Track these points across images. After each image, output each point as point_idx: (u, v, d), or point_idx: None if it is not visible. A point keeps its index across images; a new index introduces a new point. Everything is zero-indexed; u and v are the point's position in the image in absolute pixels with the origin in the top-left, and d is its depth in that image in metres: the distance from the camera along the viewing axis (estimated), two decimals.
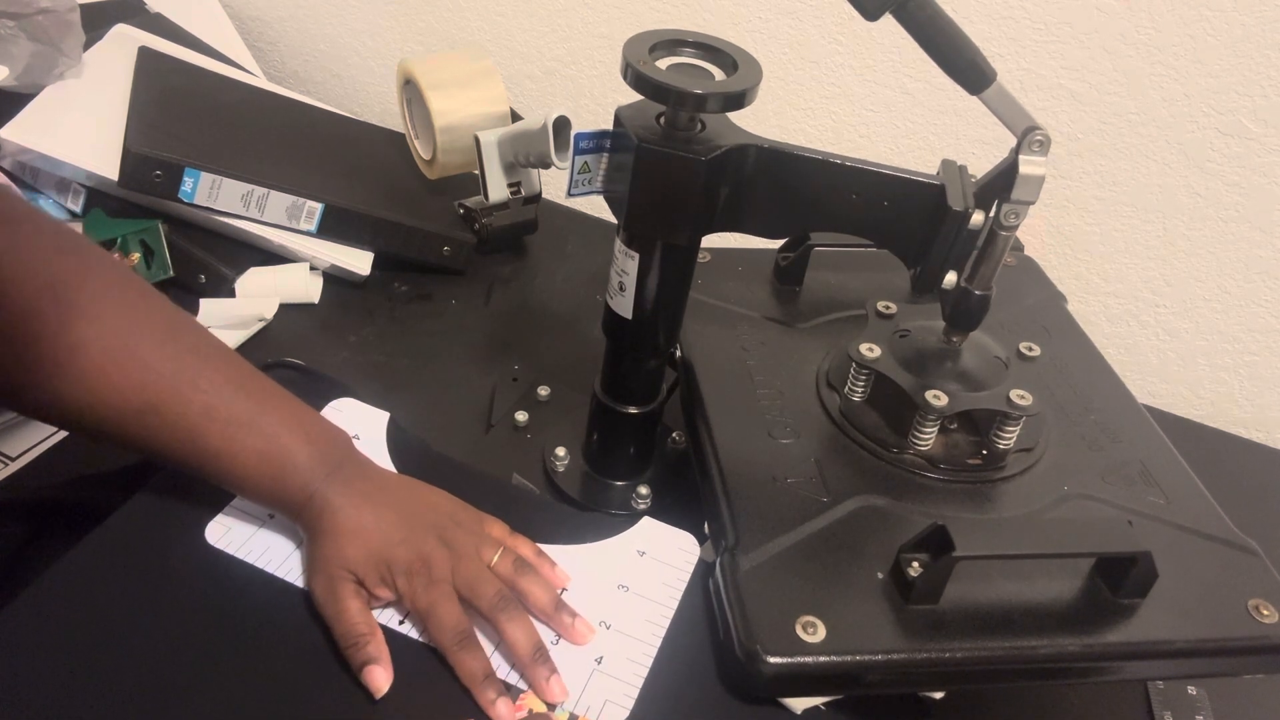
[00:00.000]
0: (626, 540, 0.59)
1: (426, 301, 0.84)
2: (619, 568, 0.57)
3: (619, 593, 0.56)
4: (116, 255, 0.76)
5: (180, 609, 0.52)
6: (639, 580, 0.57)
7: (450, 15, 1.07)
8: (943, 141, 0.92)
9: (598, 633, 0.53)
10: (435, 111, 0.84)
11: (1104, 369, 0.69)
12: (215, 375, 0.52)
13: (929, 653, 0.48)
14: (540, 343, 0.81)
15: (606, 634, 0.53)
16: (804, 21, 0.91)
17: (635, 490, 0.65)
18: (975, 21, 0.85)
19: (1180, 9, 0.78)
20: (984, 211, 0.53)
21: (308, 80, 1.19)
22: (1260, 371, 0.90)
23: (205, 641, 0.50)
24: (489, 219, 0.86)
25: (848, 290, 0.72)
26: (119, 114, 0.79)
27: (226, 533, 0.55)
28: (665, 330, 0.59)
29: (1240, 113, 0.80)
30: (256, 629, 0.51)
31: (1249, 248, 0.85)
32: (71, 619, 0.50)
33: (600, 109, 1.05)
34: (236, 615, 0.52)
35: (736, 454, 0.58)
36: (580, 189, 0.57)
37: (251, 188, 0.78)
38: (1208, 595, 0.52)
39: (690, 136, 0.52)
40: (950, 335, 0.58)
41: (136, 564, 0.53)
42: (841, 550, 0.53)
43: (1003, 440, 0.58)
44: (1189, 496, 0.58)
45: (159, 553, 0.54)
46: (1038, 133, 0.49)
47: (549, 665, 0.50)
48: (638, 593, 0.56)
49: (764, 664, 0.47)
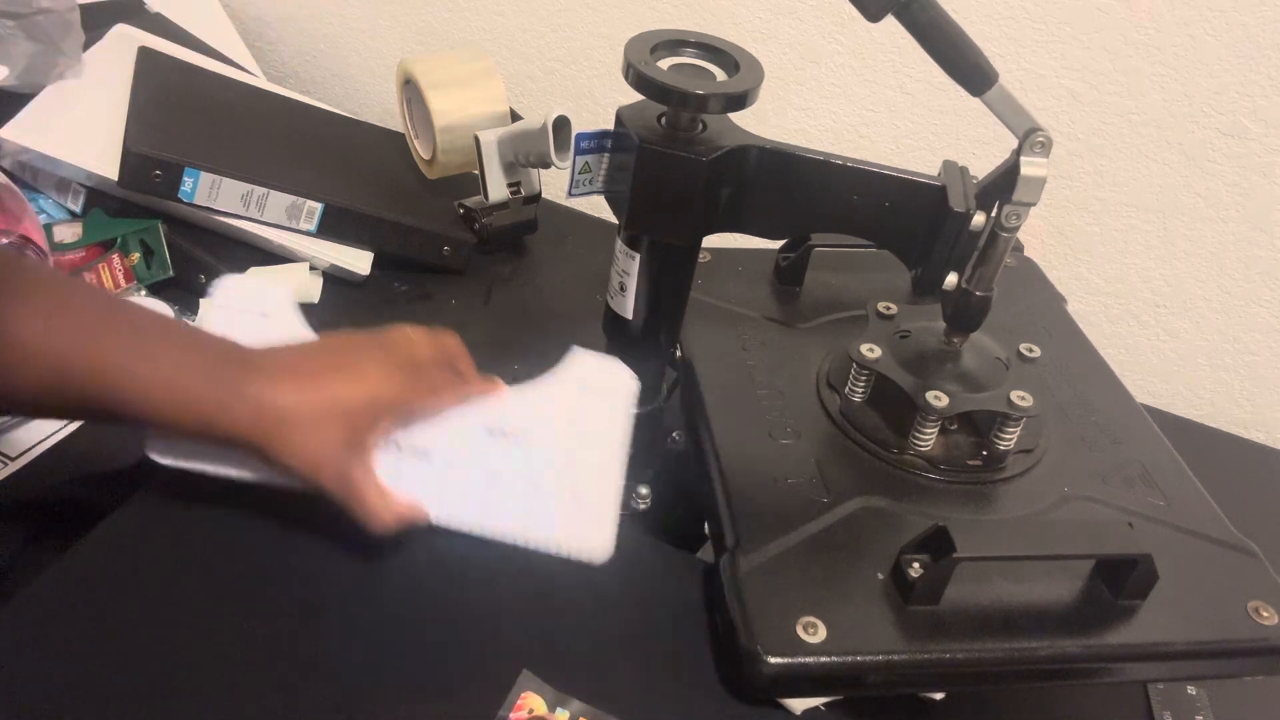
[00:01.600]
0: (567, 374, 0.58)
1: (426, 301, 0.84)
2: (568, 405, 0.58)
3: (573, 431, 0.57)
4: (116, 255, 0.76)
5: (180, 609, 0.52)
6: (588, 416, 0.57)
7: (450, 15, 1.07)
8: (943, 142, 0.92)
9: (566, 470, 0.55)
10: (435, 111, 0.84)
11: (1104, 370, 0.69)
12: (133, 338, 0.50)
13: (929, 654, 0.48)
14: (540, 343, 0.80)
15: (575, 474, 0.55)
16: (804, 21, 0.91)
17: (635, 490, 0.65)
18: (975, 22, 0.84)
19: (1180, 9, 0.78)
20: (985, 213, 0.53)
21: (308, 80, 1.19)
22: (1260, 371, 0.90)
23: (206, 641, 0.50)
24: (489, 219, 0.86)
25: (848, 291, 0.72)
26: (119, 114, 0.79)
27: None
28: (665, 330, 0.59)
29: (1240, 113, 0.80)
30: (258, 628, 0.51)
31: (1249, 248, 0.85)
32: (71, 619, 0.50)
33: (600, 109, 1.05)
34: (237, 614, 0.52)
35: (736, 454, 0.58)
36: (581, 189, 0.57)
37: (251, 188, 0.77)
38: (1208, 597, 0.52)
39: (691, 137, 0.52)
40: (951, 336, 0.58)
41: (136, 564, 0.53)
42: (842, 551, 0.53)
43: (1003, 441, 0.58)
44: (1189, 498, 0.58)
45: (159, 553, 0.54)
46: (1039, 134, 0.49)
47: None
48: (589, 428, 0.57)
49: (764, 664, 0.47)
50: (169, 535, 0.55)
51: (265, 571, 0.54)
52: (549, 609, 0.55)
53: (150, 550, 0.54)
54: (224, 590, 0.53)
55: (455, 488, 0.54)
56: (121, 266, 0.76)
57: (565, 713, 0.49)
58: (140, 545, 0.54)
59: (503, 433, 0.56)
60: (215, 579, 0.53)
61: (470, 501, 0.54)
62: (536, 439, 0.56)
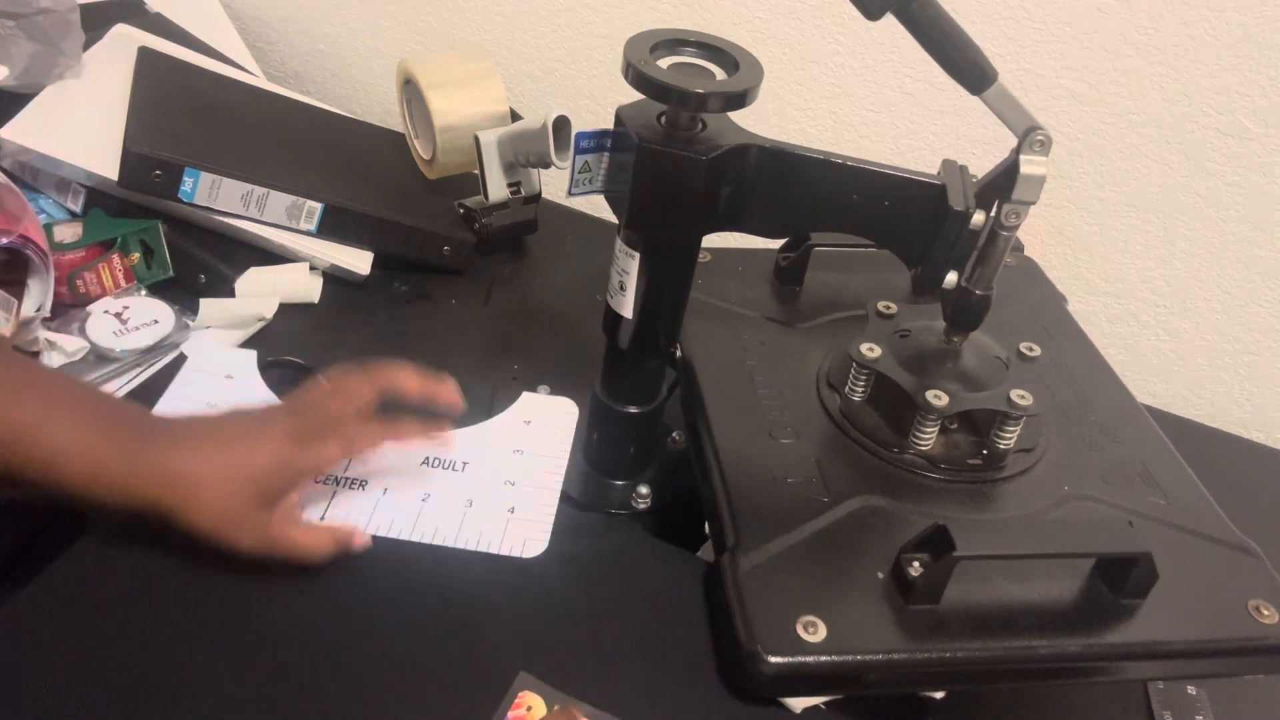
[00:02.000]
0: (513, 414, 0.67)
1: (426, 301, 0.84)
2: (513, 437, 0.66)
3: (516, 456, 0.64)
4: (116, 255, 0.76)
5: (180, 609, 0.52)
6: (531, 444, 0.65)
7: (450, 15, 1.07)
8: (943, 141, 0.92)
9: (505, 488, 0.61)
10: (435, 111, 0.84)
11: (1104, 369, 0.69)
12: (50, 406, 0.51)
13: (929, 653, 0.48)
14: (540, 343, 0.80)
15: (514, 489, 0.62)
16: (804, 21, 0.91)
17: (635, 490, 0.65)
18: (975, 21, 0.84)
19: (1180, 9, 0.78)
20: (985, 211, 0.53)
21: (308, 80, 1.19)
22: (1260, 371, 0.90)
23: (206, 641, 0.50)
24: (489, 219, 0.86)
25: (848, 290, 0.72)
26: (119, 114, 0.79)
27: None
28: (665, 330, 0.59)
29: (1240, 113, 0.80)
30: (258, 627, 0.51)
31: (1249, 248, 0.85)
32: (72, 619, 0.50)
33: (600, 109, 1.05)
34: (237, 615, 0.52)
35: (737, 454, 0.58)
36: (581, 188, 0.57)
37: (251, 187, 0.77)
38: (1208, 596, 0.52)
39: (691, 136, 0.51)
40: (951, 335, 0.58)
41: (136, 564, 0.53)
42: (842, 550, 0.53)
43: (1003, 440, 0.58)
44: (1189, 497, 0.58)
45: (159, 553, 0.54)
46: (1039, 133, 0.49)
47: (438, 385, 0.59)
48: (532, 453, 0.65)
49: (765, 664, 0.47)
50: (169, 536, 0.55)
51: (265, 572, 0.53)
52: (548, 609, 0.55)
53: (150, 551, 0.54)
54: (224, 590, 0.53)
55: (392, 507, 0.59)
56: (121, 266, 0.76)
57: (565, 712, 0.49)
58: (140, 545, 0.54)
59: (442, 465, 0.62)
60: (215, 579, 0.53)
61: (406, 516, 0.59)
62: (476, 467, 0.62)
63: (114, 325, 0.71)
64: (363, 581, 0.55)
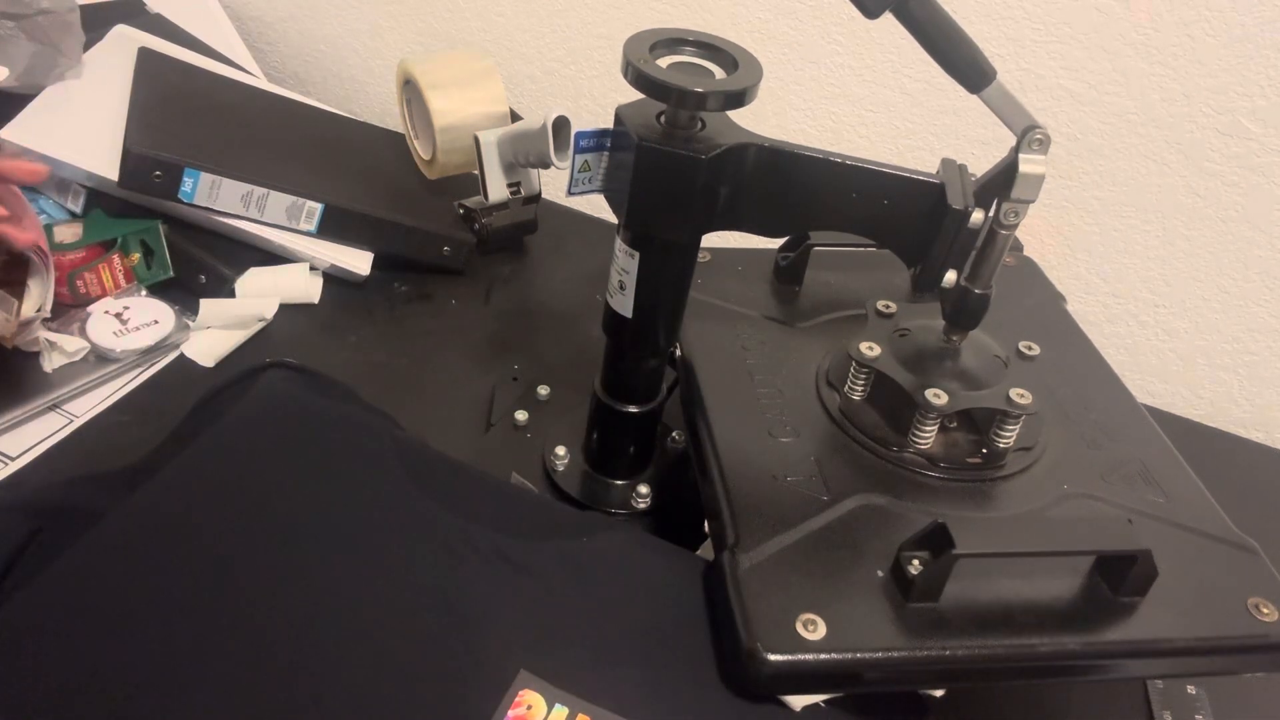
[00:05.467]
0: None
1: (426, 301, 0.84)
2: None
3: None
4: (116, 255, 0.76)
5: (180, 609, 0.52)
6: None
7: (450, 15, 1.07)
8: (942, 141, 0.92)
9: None
10: (435, 111, 0.84)
11: (1104, 369, 0.69)
12: None
13: (929, 650, 0.48)
14: (540, 342, 0.81)
15: None
16: (804, 21, 0.91)
17: (635, 489, 0.65)
18: (975, 21, 0.85)
19: (1180, 9, 0.78)
20: (984, 210, 0.53)
21: (308, 80, 1.19)
22: (1260, 371, 0.90)
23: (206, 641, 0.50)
24: (489, 219, 0.86)
25: (848, 290, 0.72)
26: (119, 114, 0.79)
27: None
28: (665, 329, 0.59)
29: (1240, 113, 0.80)
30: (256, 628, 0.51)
31: (1249, 248, 0.85)
32: (71, 619, 0.50)
33: (600, 109, 1.05)
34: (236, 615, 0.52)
35: (736, 453, 0.58)
36: (580, 187, 0.57)
37: (251, 188, 0.78)
38: (1207, 594, 0.52)
39: (690, 135, 0.52)
40: (950, 334, 0.58)
41: (136, 564, 0.53)
42: (842, 548, 0.53)
43: (1002, 439, 0.58)
44: (1189, 495, 0.58)
45: (159, 553, 0.54)
46: (1037, 131, 0.49)
47: None
48: None
49: (764, 662, 0.47)
50: (169, 535, 0.55)
51: (264, 571, 0.54)
52: (548, 608, 0.55)
53: (150, 550, 0.54)
54: (223, 590, 0.53)
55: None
56: (121, 266, 0.76)
57: (564, 710, 0.49)
58: (140, 545, 0.54)
59: None
60: (215, 579, 0.53)
61: None
62: None
63: (114, 325, 0.71)
64: (362, 580, 0.55)
